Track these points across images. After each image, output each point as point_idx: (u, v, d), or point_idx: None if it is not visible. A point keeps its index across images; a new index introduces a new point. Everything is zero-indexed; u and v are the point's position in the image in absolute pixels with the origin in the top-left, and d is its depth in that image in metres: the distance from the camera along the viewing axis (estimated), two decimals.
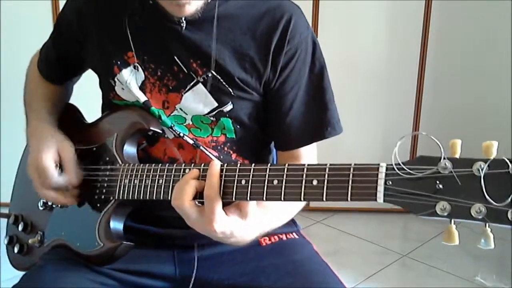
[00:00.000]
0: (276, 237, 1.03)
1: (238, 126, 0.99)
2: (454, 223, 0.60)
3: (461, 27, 2.70)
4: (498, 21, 2.59)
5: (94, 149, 1.01)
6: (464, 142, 0.62)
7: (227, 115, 0.97)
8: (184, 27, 0.92)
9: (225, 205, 0.77)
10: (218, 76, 0.94)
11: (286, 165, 0.74)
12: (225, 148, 1.00)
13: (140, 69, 0.97)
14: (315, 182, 0.70)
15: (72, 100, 1.20)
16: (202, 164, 0.81)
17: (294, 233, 1.07)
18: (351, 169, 0.67)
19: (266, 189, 0.74)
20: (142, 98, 0.97)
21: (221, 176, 0.77)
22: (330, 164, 0.70)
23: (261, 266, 0.97)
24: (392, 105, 2.82)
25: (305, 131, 0.98)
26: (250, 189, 0.75)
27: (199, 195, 0.78)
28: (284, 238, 1.04)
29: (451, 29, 2.71)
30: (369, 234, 2.58)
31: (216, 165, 0.77)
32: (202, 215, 0.77)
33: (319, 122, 0.98)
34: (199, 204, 0.78)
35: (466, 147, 0.63)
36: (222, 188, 0.77)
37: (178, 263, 1.00)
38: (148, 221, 1.03)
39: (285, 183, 0.73)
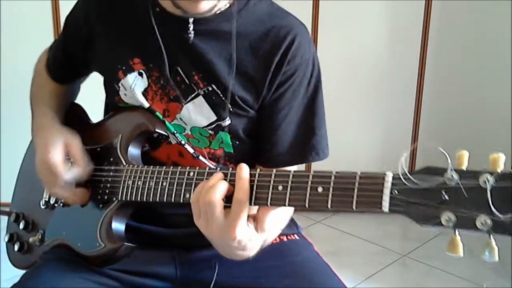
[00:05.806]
0: (276, 238, 1.03)
1: (236, 142, 0.99)
2: (458, 234, 0.60)
3: (461, 27, 2.70)
4: (498, 21, 2.59)
5: (99, 149, 1.01)
6: (464, 142, 0.62)
7: (225, 130, 0.97)
8: (192, 37, 0.92)
9: None
10: (218, 91, 0.94)
11: (292, 171, 0.73)
12: (222, 161, 1.00)
13: (144, 76, 0.97)
14: (320, 189, 0.70)
15: (77, 100, 1.20)
16: (230, 169, 0.78)
17: (295, 235, 1.07)
18: (357, 177, 0.67)
19: (271, 194, 0.74)
20: (146, 104, 0.98)
21: (252, 181, 0.75)
22: (336, 172, 0.70)
23: (261, 267, 0.97)
24: (392, 105, 2.82)
25: (288, 152, 0.96)
26: (255, 194, 0.75)
27: (225, 199, 0.76)
28: (285, 239, 1.04)
29: (451, 29, 2.71)
30: (369, 234, 2.58)
31: (245, 167, 0.75)
32: (226, 219, 0.75)
33: (304, 145, 0.97)
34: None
35: (466, 147, 0.63)
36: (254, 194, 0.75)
37: (178, 264, 1.00)
38: (148, 220, 1.03)
39: (290, 189, 0.73)
